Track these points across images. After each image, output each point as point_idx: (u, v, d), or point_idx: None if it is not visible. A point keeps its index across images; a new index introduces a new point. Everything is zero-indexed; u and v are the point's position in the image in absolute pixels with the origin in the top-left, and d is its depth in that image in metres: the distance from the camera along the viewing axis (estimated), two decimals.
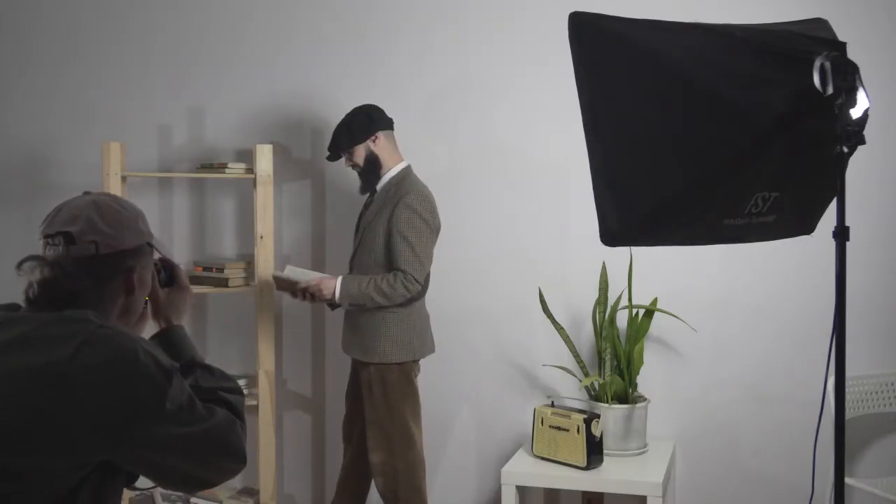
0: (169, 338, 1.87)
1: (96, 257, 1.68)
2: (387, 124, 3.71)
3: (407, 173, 3.71)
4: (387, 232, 3.59)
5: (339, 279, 3.64)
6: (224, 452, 1.71)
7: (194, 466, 1.70)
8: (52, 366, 1.55)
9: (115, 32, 4.43)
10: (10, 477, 1.55)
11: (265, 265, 4.02)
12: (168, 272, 1.93)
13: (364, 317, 3.66)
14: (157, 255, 1.88)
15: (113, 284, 1.73)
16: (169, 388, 1.61)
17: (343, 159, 3.75)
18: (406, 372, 3.66)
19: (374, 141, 3.66)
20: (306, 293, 3.69)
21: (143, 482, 1.78)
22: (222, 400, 1.75)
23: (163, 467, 1.67)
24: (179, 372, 1.68)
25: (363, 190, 3.76)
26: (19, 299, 1.72)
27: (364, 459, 3.72)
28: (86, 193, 1.78)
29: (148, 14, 4.45)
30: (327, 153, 3.75)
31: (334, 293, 3.62)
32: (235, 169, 4.12)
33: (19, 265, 1.68)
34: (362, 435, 3.74)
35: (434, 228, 3.64)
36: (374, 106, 3.73)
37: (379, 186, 3.71)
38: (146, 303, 1.87)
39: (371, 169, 3.68)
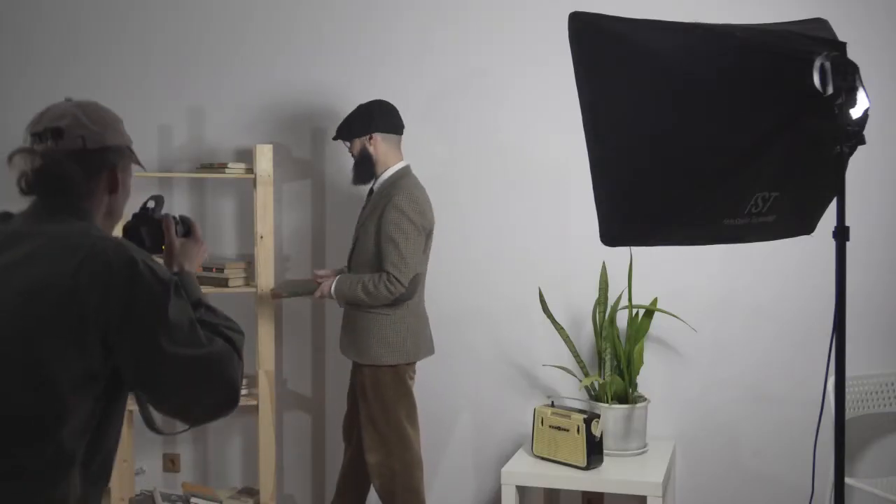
0: (181, 280, 1.95)
1: (84, 150, 1.79)
2: (388, 127, 3.71)
3: (403, 174, 3.71)
4: (377, 232, 3.61)
5: (336, 278, 3.69)
6: (220, 384, 1.78)
7: (190, 390, 1.76)
8: (57, 278, 1.66)
9: (115, 32, 4.43)
10: (33, 386, 1.63)
11: (265, 265, 4.02)
12: (185, 225, 2.07)
13: (359, 317, 3.68)
14: (176, 214, 2.05)
15: (98, 179, 1.83)
16: (168, 299, 1.71)
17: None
18: (399, 374, 3.66)
19: (369, 140, 3.69)
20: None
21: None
22: (224, 335, 1.83)
23: (161, 383, 1.73)
24: (179, 287, 1.77)
25: (354, 181, 3.81)
26: None
27: (363, 459, 3.73)
28: (67, 100, 1.88)
29: (148, 14, 4.45)
30: (334, 134, 3.83)
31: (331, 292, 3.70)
32: (235, 169, 4.12)
33: (10, 157, 1.79)
34: (361, 435, 3.74)
35: (421, 229, 3.62)
36: (384, 105, 3.75)
37: (376, 186, 3.74)
38: (161, 250, 2.00)
39: (362, 164, 3.72)
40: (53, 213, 1.78)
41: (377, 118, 3.70)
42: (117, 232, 1.98)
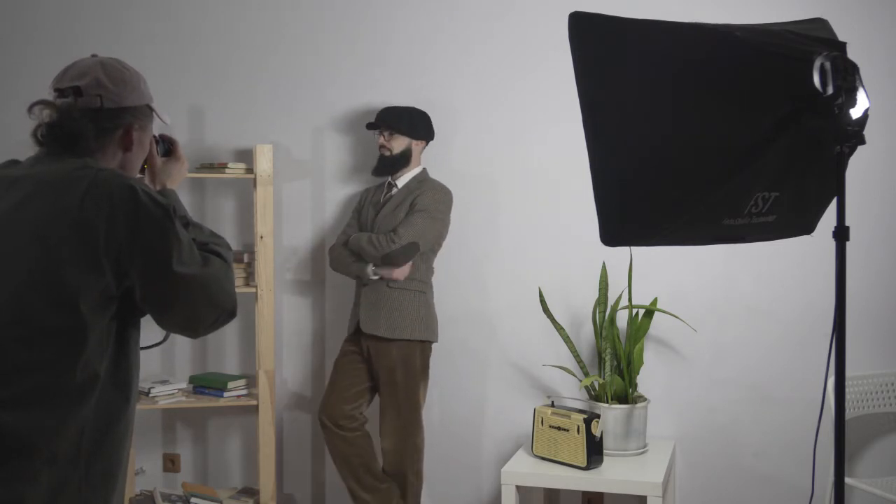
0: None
1: (100, 110, 1.89)
2: (432, 137, 4.00)
3: (427, 175, 3.97)
4: (409, 209, 3.83)
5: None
6: (221, 297, 1.89)
7: (197, 306, 1.87)
8: (65, 211, 1.75)
9: (115, 32, 4.43)
10: (56, 307, 1.73)
11: (265, 265, 4.02)
12: (166, 144, 2.13)
13: (389, 294, 3.81)
14: (156, 132, 2.07)
15: (113, 136, 1.92)
16: (170, 222, 1.81)
17: (378, 133, 3.96)
18: (426, 353, 3.88)
19: (417, 143, 3.93)
20: None
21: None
22: (214, 252, 1.94)
23: (171, 302, 1.85)
24: (175, 210, 1.87)
25: (377, 172, 3.97)
26: None
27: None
28: (93, 56, 1.97)
29: (148, 14, 4.45)
30: (372, 121, 3.95)
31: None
32: (235, 169, 4.13)
33: (30, 108, 1.90)
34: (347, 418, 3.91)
35: (445, 223, 3.91)
36: (429, 118, 4.00)
37: (398, 182, 3.93)
38: (144, 169, 2.07)
39: (397, 161, 3.92)
40: (58, 158, 1.85)
41: (431, 129, 3.97)
42: None
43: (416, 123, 3.93)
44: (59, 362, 1.73)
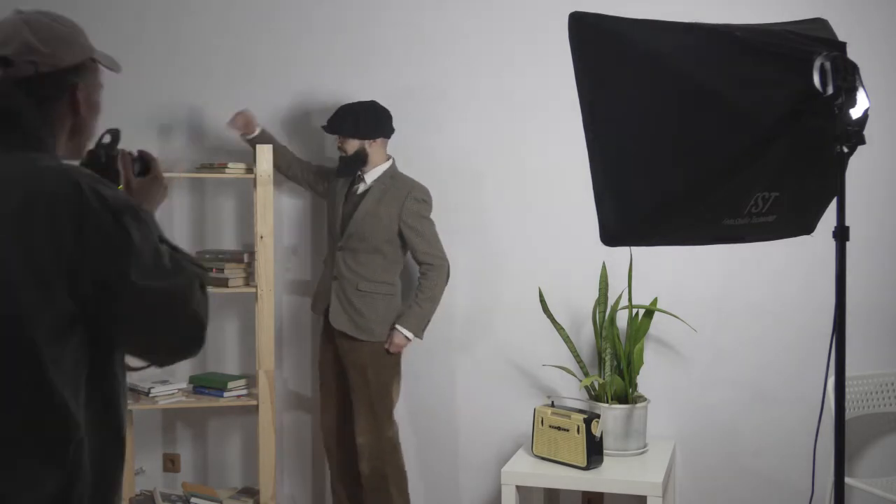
0: None
1: (36, 77, 1.63)
2: (389, 133, 3.95)
3: (396, 168, 3.97)
4: (396, 220, 3.84)
5: (397, 328, 3.86)
6: (184, 318, 1.62)
7: (155, 325, 1.61)
8: (2, 222, 1.51)
9: (115, 32, 4.41)
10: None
11: (265, 265, 4.02)
12: (143, 163, 1.86)
13: (359, 296, 3.86)
14: (134, 150, 1.84)
15: (58, 104, 1.67)
16: (119, 226, 1.54)
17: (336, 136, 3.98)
18: (397, 353, 3.92)
19: (370, 143, 3.88)
20: None
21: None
22: (188, 269, 1.67)
23: (124, 317, 1.57)
24: (136, 212, 1.60)
25: (340, 173, 3.98)
26: None
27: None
28: (18, 12, 1.70)
29: (148, 14, 4.45)
30: (325, 124, 3.96)
31: (408, 336, 3.87)
32: (235, 169, 4.13)
33: None
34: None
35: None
36: (386, 111, 3.94)
37: (370, 179, 3.94)
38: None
39: (354, 160, 3.92)
40: (2, 147, 1.61)
41: (384, 124, 3.91)
42: None
43: (362, 124, 3.87)
44: (15, 408, 1.48)
